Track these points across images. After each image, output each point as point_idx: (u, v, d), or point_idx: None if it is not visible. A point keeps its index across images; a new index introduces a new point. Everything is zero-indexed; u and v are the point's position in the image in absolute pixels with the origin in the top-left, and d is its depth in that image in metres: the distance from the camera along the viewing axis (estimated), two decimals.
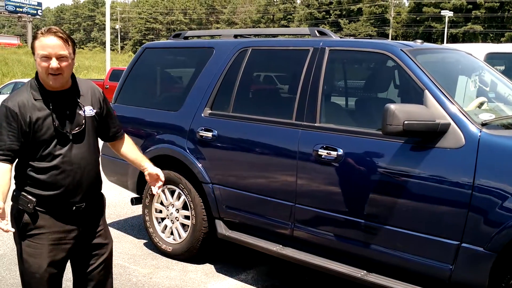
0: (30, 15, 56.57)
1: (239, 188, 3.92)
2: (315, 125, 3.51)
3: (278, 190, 3.69)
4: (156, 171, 2.73)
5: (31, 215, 2.41)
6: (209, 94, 4.18)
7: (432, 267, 2.98)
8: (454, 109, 2.99)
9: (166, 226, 4.49)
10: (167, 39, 5.30)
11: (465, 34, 55.91)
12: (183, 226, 4.38)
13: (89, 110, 2.50)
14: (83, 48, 77.05)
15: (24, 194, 2.41)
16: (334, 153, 3.34)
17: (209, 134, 4.05)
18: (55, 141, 2.38)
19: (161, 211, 4.53)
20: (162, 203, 4.51)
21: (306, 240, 3.61)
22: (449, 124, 2.94)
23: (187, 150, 4.19)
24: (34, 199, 2.39)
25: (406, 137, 3.03)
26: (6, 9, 54.58)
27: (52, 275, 2.46)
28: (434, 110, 2.99)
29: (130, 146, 2.79)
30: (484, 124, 2.98)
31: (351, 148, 3.30)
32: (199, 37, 5.22)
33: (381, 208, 3.18)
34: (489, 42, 42.83)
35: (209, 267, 4.32)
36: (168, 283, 4.00)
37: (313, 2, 69.77)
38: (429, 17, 58.72)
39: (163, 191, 4.45)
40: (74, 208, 2.47)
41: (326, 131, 3.45)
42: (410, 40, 4.38)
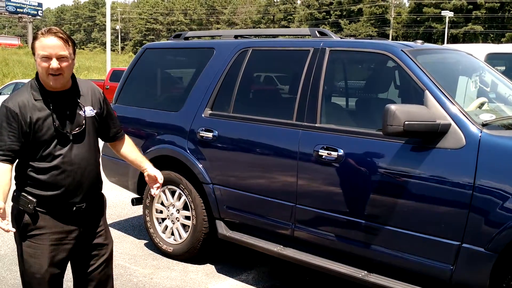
0: (30, 16, 56.63)
1: (240, 188, 3.92)
2: (316, 125, 3.51)
3: (279, 191, 3.69)
4: (154, 173, 2.73)
5: (32, 216, 2.41)
6: (209, 94, 4.18)
7: (432, 268, 2.98)
8: (454, 109, 2.99)
9: (166, 227, 4.49)
10: (168, 40, 5.30)
11: (465, 34, 55.92)
12: (184, 226, 4.38)
13: (89, 111, 2.50)
14: (84, 48, 77.08)
15: (24, 194, 2.41)
16: (335, 153, 3.34)
17: (209, 135, 4.05)
18: (56, 141, 2.38)
19: (161, 212, 4.53)
20: (162, 204, 4.51)
21: (306, 240, 3.61)
22: (449, 124, 2.94)
23: (188, 151, 4.19)
24: (34, 200, 2.39)
25: (406, 137, 3.03)
26: (6, 9, 54.63)
27: (52, 276, 2.46)
28: (434, 110, 2.99)
29: (130, 146, 2.79)
30: (484, 124, 2.98)
31: (352, 148, 3.30)
32: (200, 37, 5.22)
33: (381, 208, 3.17)
34: (489, 43, 42.79)
35: (209, 268, 4.32)
36: (168, 284, 4.00)
37: (313, 3, 69.81)
38: (429, 17, 58.73)
39: (164, 192, 4.45)
40: (75, 208, 2.47)
41: (326, 132, 3.45)
42: (410, 40, 4.37)
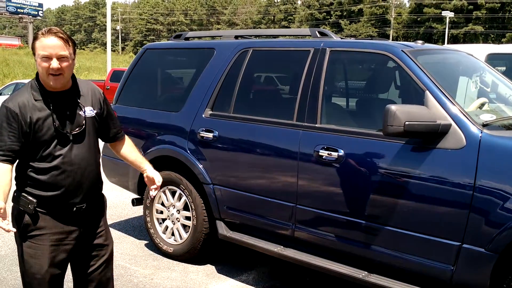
0: (31, 16, 56.69)
1: (240, 189, 3.92)
2: (316, 125, 3.50)
3: (279, 191, 3.68)
4: (153, 175, 2.72)
5: (32, 216, 2.41)
6: (210, 94, 4.18)
7: (433, 268, 2.98)
8: (455, 110, 2.98)
9: (167, 227, 4.49)
10: (168, 40, 5.30)
11: (466, 34, 55.92)
12: (184, 227, 4.38)
13: (89, 111, 2.50)
14: (84, 49, 77.13)
15: (24, 195, 2.41)
16: (335, 153, 3.33)
17: (210, 135, 4.05)
18: (56, 141, 2.38)
19: (162, 212, 4.53)
20: (163, 204, 4.51)
21: (307, 241, 3.61)
22: (450, 125, 2.94)
23: (188, 151, 4.18)
24: (34, 200, 2.39)
25: (407, 137, 3.02)
26: (7, 10, 54.68)
27: (53, 276, 2.46)
28: (435, 111, 2.99)
29: (130, 147, 2.79)
30: (485, 125, 2.98)
31: (352, 148, 3.30)
32: (200, 38, 5.23)
33: (382, 209, 3.17)
34: (490, 43, 42.80)
35: (210, 268, 4.32)
36: (169, 284, 4.00)
37: (313, 3, 69.84)
38: (430, 17, 58.72)
39: (164, 192, 4.45)
40: (75, 209, 2.47)
41: (327, 132, 3.45)
42: (411, 41, 4.38)
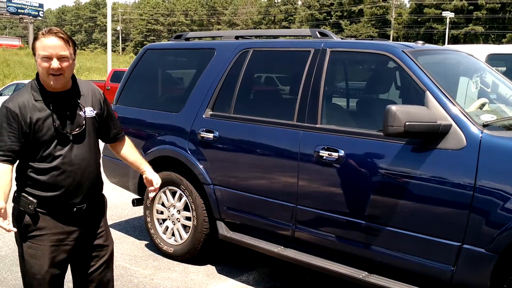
0: (31, 17, 56.70)
1: (240, 189, 3.91)
2: (316, 126, 3.50)
3: (279, 191, 3.68)
4: (151, 177, 2.73)
5: (32, 216, 2.41)
6: (210, 95, 4.18)
7: (433, 269, 2.98)
8: (455, 110, 2.98)
9: (167, 227, 4.49)
10: (169, 40, 5.31)
11: (466, 35, 55.90)
12: (184, 227, 4.37)
13: (89, 111, 2.50)
14: (85, 49, 77.15)
15: (24, 195, 2.41)
16: (336, 154, 3.33)
17: (210, 135, 4.05)
18: (56, 141, 2.38)
19: (162, 212, 4.53)
20: (163, 205, 4.50)
21: (307, 241, 3.61)
22: (450, 125, 2.94)
23: (188, 151, 4.18)
24: (34, 200, 2.39)
25: (407, 138, 3.02)
26: (7, 10, 54.71)
27: (53, 276, 2.46)
28: (435, 111, 2.98)
29: (130, 148, 2.79)
30: (485, 125, 2.98)
31: (353, 149, 3.30)
32: (201, 38, 5.23)
33: (382, 209, 3.17)
34: (490, 43, 42.79)
35: (210, 268, 4.32)
36: (169, 284, 4.00)
37: (314, 3, 69.83)
38: (430, 18, 58.71)
39: (164, 193, 4.45)
40: (75, 209, 2.47)
41: (327, 132, 3.45)
42: (411, 41, 4.38)
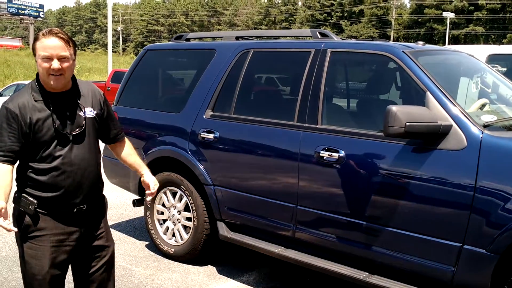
0: (32, 17, 56.72)
1: (241, 189, 3.91)
2: (317, 126, 3.50)
3: (280, 192, 3.68)
4: (149, 180, 2.74)
5: (32, 217, 2.41)
6: (210, 95, 4.18)
7: (434, 269, 2.97)
8: (456, 110, 2.98)
9: (168, 228, 4.49)
10: (169, 41, 5.31)
11: (466, 35, 55.88)
12: (185, 228, 4.37)
13: (89, 112, 2.50)
14: (85, 50, 77.23)
15: (25, 195, 2.41)
16: (336, 154, 3.33)
17: (210, 136, 4.05)
18: (55, 142, 2.38)
19: (162, 213, 4.53)
20: (163, 205, 4.51)
21: (307, 241, 3.61)
22: (451, 125, 2.94)
23: (189, 152, 4.18)
24: (35, 201, 2.39)
25: (407, 138, 3.02)
26: (8, 11, 54.73)
27: (54, 277, 2.46)
28: (436, 111, 2.98)
29: (130, 150, 2.80)
30: (486, 125, 2.98)
31: (353, 149, 3.30)
32: (201, 39, 5.23)
33: (383, 209, 3.17)
34: (490, 44, 42.78)
35: (211, 269, 4.32)
36: (170, 285, 4.00)
37: (314, 4, 69.83)
38: (430, 18, 58.68)
39: (165, 193, 4.45)
40: (75, 209, 2.47)
41: (327, 133, 3.45)
42: (411, 41, 4.38)
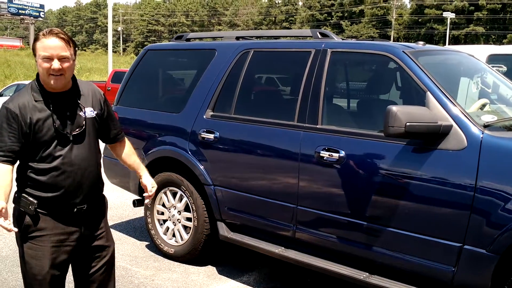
0: (32, 17, 56.75)
1: (241, 190, 3.91)
2: (317, 126, 3.50)
3: (280, 192, 3.68)
4: (146, 182, 2.75)
5: (33, 217, 2.41)
6: (211, 96, 4.18)
7: (434, 269, 2.97)
8: (456, 110, 2.98)
9: (168, 228, 4.49)
10: (169, 41, 5.31)
11: (467, 35, 55.87)
12: (185, 228, 4.37)
13: (89, 112, 2.50)
14: (85, 50, 77.24)
15: (25, 196, 2.41)
16: (336, 154, 3.33)
17: (211, 136, 4.05)
18: (56, 142, 2.38)
19: (163, 213, 4.53)
20: (164, 205, 4.50)
21: (308, 242, 3.61)
22: (451, 126, 2.94)
23: (189, 152, 4.18)
24: (35, 201, 2.39)
25: (408, 138, 3.02)
26: (8, 11, 54.77)
27: (54, 277, 2.46)
28: (436, 111, 2.98)
29: (129, 151, 2.80)
30: (486, 125, 2.98)
31: (353, 149, 3.30)
32: (201, 39, 5.23)
33: (383, 210, 3.17)
34: (491, 44, 42.76)
35: (211, 269, 4.32)
36: (170, 285, 4.00)
37: (314, 4, 69.82)
38: (431, 18, 58.68)
39: (165, 193, 4.45)
40: (75, 209, 2.47)
41: (328, 133, 3.45)
42: (412, 41, 4.38)
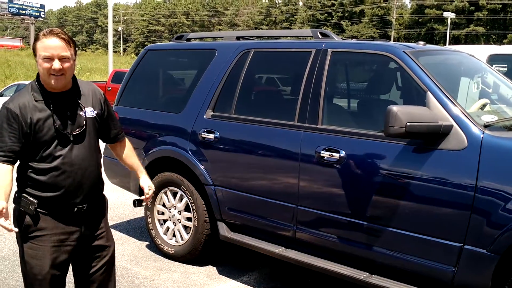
0: (33, 17, 56.80)
1: (241, 190, 3.91)
2: (317, 126, 3.50)
3: (280, 192, 3.68)
4: (143, 184, 2.76)
5: (33, 217, 2.41)
6: (211, 96, 4.18)
7: (434, 269, 2.97)
8: (456, 110, 2.98)
9: (168, 228, 4.49)
10: (170, 41, 5.31)
11: (467, 35, 55.87)
12: (185, 228, 4.37)
13: (90, 112, 2.50)
14: (86, 50, 77.25)
15: (25, 195, 2.41)
16: (336, 154, 3.33)
17: (211, 136, 4.05)
18: (56, 142, 2.38)
19: (163, 213, 4.53)
20: (164, 205, 4.50)
21: (308, 242, 3.61)
22: (451, 125, 2.93)
23: (189, 152, 4.18)
24: (35, 201, 2.39)
25: (408, 138, 3.02)
26: (9, 11, 54.82)
27: (54, 277, 2.46)
28: (436, 111, 2.98)
29: (129, 151, 2.81)
30: (486, 125, 2.98)
31: (354, 149, 3.30)
32: (202, 39, 5.23)
33: (383, 210, 3.17)
34: (491, 44, 42.75)
35: (211, 269, 4.32)
36: (170, 285, 4.00)
37: (315, 4, 69.82)
38: (431, 19, 58.68)
39: (165, 193, 4.45)
40: (76, 209, 2.47)
41: (328, 133, 3.45)
42: (412, 41, 4.38)
